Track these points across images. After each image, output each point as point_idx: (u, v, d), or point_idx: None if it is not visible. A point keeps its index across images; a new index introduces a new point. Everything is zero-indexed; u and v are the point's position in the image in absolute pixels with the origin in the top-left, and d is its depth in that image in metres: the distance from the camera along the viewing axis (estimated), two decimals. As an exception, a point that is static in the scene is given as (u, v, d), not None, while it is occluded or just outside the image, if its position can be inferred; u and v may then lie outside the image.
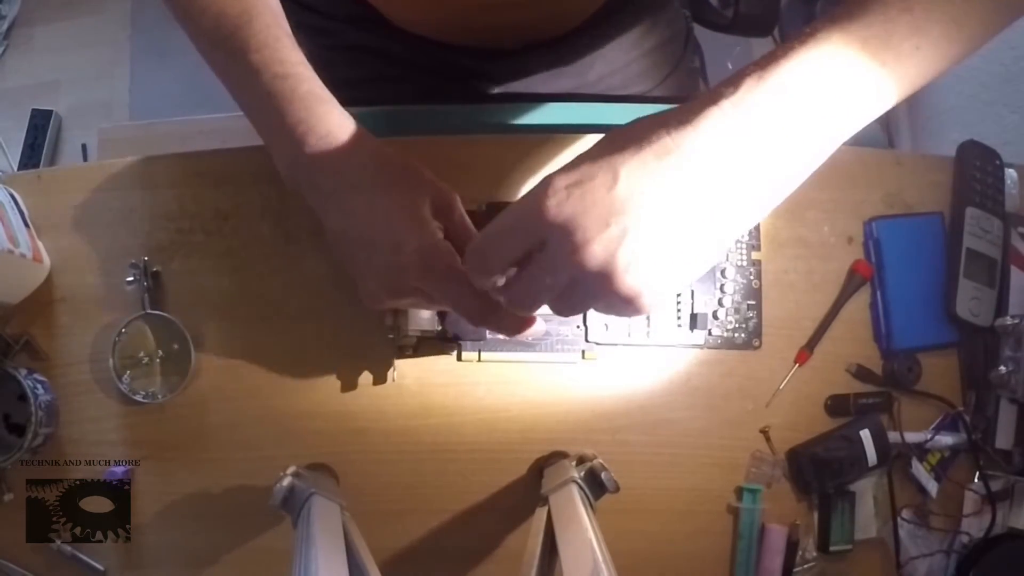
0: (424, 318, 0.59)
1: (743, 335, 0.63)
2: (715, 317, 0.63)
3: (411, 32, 0.76)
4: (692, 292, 0.62)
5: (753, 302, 0.63)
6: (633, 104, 0.79)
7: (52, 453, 0.59)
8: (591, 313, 0.61)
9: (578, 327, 0.61)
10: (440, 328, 0.59)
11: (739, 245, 0.63)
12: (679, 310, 0.62)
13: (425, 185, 0.50)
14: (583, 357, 0.62)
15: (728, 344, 0.63)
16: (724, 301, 0.63)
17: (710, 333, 0.62)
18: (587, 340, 0.61)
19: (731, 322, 0.63)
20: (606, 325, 0.61)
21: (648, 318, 0.62)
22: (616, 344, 0.62)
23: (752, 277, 0.63)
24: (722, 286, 0.63)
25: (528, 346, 0.61)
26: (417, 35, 0.76)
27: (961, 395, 0.65)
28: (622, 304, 0.39)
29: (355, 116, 0.52)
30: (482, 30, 0.74)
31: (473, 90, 0.81)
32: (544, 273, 0.40)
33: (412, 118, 0.71)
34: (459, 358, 0.61)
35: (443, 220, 0.51)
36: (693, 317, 0.62)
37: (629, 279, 0.38)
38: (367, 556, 0.46)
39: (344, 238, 0.49)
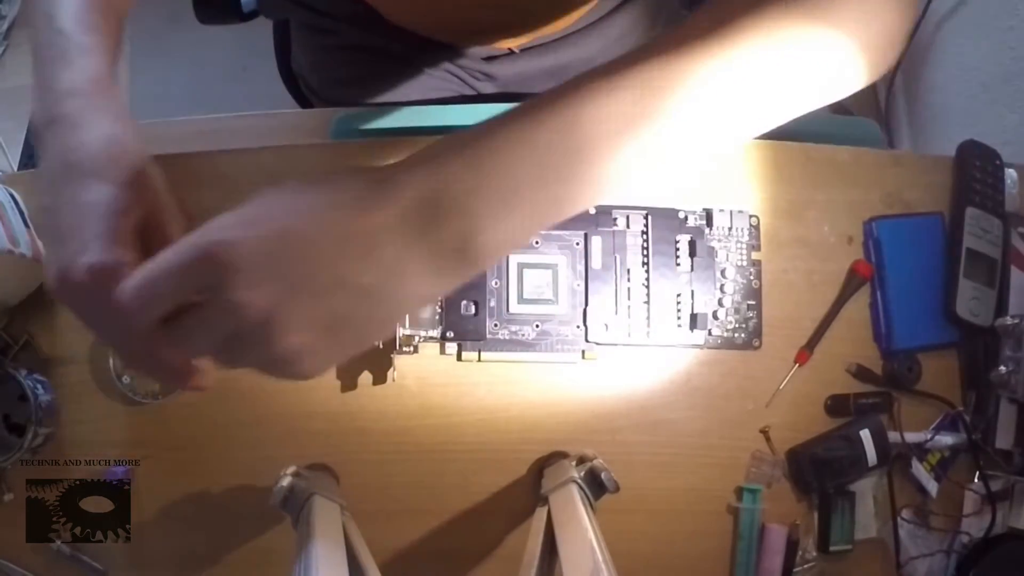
0: (424, 318, 0.59)
1: (743, 335, 0.63)
2: (715, 317, 0.63)
3: (410, 31, 0.76)
4: (692, 292, 0.62)
5: (753, 302, 0.63)
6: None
7: (52, 453, 0.59)
8: (591, 313, 0.61)
9: (578, 327, 0.61)
10: (441, 328, 0.60)
11: (739, 245, 0.63)
12: (679, 310, 0.62)
13: (145, 198, 0.44)
14: (583, 357, 0.61)
15: (728, 344, 0.63)
16: (724, 301, 0.63)
17: (710, 333, 0.62)
18: (587, 340, 0.61)
19: (731, 322, 0.63)
20: (606, 325, 0.61)
21: (648, 318, 0.62)
22: (616, 344, 0.62)
23: (752, 277, 0.63)
24: (722, 286, 0.63)
25: (528, 346, 0.61)
26: (416, 34, 0.76)
27: (961, 395, 0.65)
28: (279, 364, 0.35)
29: (353, 116, 0.51)
30: (480, 31, 0.75)
31: (472, 90, 0.81)
32: (203, 321, 0.34)
33: (412, 118, 0.71)
34: (459, 358, 0.61)
35: (149, 239, 0.42)
36: (693, 317, 0.62)
37: (289, 340, 0.34)
38: (367, 556, 0.46)
39: (44, 214, 0.43)
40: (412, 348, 0.60)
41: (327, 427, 0.61)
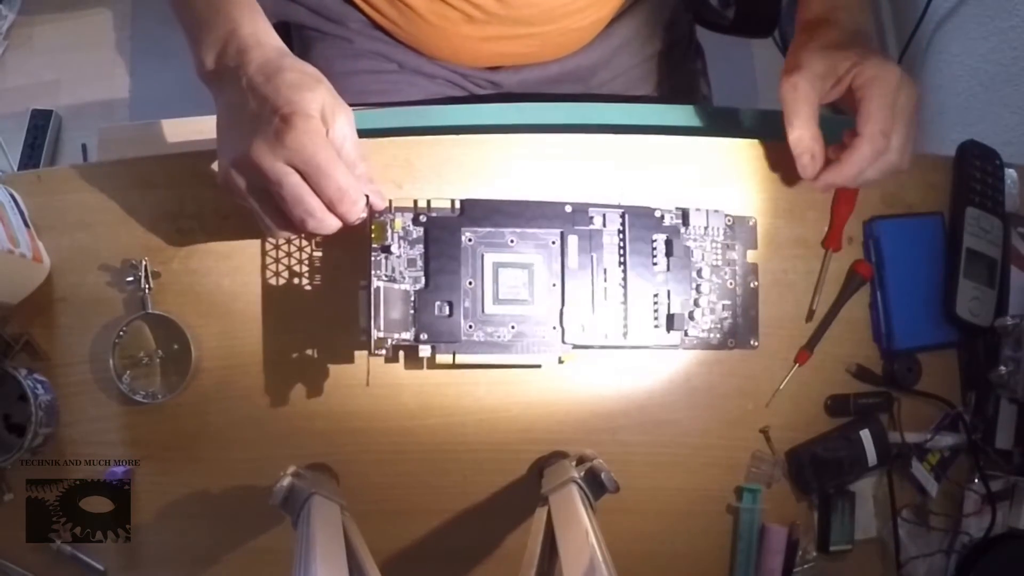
0: (396, 319, 0.56)
1: (718, 335, 0.62)
2: (691, 318, 0.61)
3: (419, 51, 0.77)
4: (668, 292, 0.60)
5: (728, 302, 0.62)
6: (634, 105, 0.79)
7: (52, 453, 0.59)
8: (567, 313, 0.59)
9: (555, 328, 0.59)
10: (414, 329, 0.57)
11: (715, 245, 0.62)
12: (656, 310, 0.60)
13: (333, 99, 0.52)
14: (560, 362, 0.60)
15: (704, 344, 0.61)
16: (700, 301, 0.61)
17: (686, 334, 0.61)
18: (564, 342, 0.59)
19: (707, 322, 0.61)
20: (582, 326, 0.59)
21: (625, 318, 0.60)
22: (592, 346, 0.59)
23: (727, 277, 0.62)
24: (698, 286, 0.61)
25: (504, 348, 0.58)
26: (423, 53, 0.77)
27: (961, 395, 0.65)
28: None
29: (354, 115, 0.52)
30: (489, 56, 0.75)
31: (474, 94, 0.81)
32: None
33: (412, 118, 0.71)
34: (433, 361, 0.57)
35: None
36: (670, 318, 0.60)
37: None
38: (367, 556, 0.46)
39: (243, 96, 0.50)
40: (385, 351, 0.55)
41: (327, 427, 0.61)
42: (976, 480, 0.64)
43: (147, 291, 0.59)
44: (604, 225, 0.61)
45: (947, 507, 0.64)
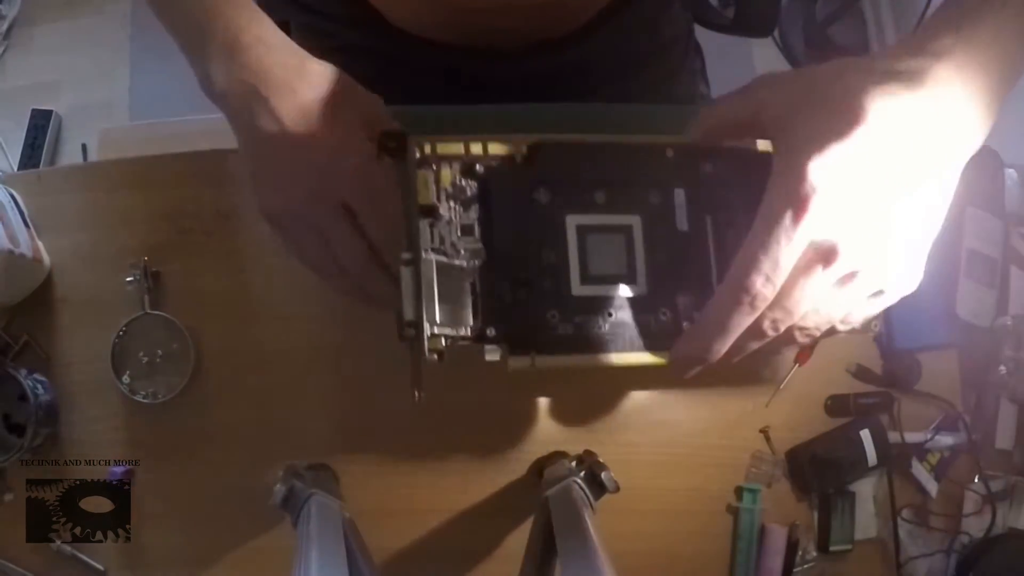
0: (448, 308, 0.42)
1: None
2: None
3: (410, 33, 0.76)
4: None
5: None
6: (633, 105, 0.79)
7: (52, 453, 0.59)
8: (681, 293, 0.46)
9: (664, 315, 0.45)
10: (477, 323, 0.42)
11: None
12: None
13: (361, 98, 0.51)
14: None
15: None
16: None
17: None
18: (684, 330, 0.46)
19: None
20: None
21: None
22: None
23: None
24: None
25: (600, 344, 0.44)
26: (416, 36, 0.76)
27: (961, 395, 0.65)
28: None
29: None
30: (480, 33, 0.75)
31: (472, 94, 0.81)
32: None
33: (412, 118, 0.71)
34: (506, 367, 0.43)
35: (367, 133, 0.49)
36: None
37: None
38: (367, 556, 0.46)
39: (274, 140, 0.46)
40: (438, 354, 0.42)
41: (327, 427, 0.61)
42: (976, 480, 0.64)
43: (147, 291, 0.59)
44: (719, 176, 0.45)
45: (947, 507, 0.64)
